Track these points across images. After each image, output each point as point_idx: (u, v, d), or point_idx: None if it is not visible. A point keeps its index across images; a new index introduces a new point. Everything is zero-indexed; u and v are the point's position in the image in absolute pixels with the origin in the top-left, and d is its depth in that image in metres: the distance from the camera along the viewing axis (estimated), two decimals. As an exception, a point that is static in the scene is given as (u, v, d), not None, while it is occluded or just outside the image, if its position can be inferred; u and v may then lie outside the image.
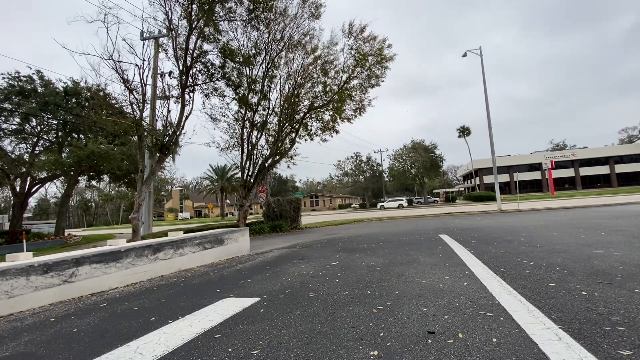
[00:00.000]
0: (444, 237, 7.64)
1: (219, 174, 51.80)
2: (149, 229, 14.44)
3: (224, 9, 11.92)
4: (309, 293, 3.49)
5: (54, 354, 2.32)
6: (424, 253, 5.63)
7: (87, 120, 14.37)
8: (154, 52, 13.72)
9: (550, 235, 6.73)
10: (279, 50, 13.78)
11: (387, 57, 14.32)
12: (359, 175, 57.54)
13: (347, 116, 15.53)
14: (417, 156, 46.88)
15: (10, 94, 16.02)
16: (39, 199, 69.76)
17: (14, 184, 18.22)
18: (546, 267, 3.94)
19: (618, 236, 5.99)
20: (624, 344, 1.86)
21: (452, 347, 1.95)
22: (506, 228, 8.87)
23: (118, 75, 10.22)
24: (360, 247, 7.09)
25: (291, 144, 15.59)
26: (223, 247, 6.82)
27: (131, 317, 3.08)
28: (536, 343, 1.93)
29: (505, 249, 5.42)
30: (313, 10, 13.41)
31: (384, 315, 2.60)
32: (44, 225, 31.80)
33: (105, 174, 19.61)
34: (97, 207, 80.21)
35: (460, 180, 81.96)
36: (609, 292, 2.82)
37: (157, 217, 66.33)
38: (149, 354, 2.17)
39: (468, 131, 50.98)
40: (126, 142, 13.59)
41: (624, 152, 54.63)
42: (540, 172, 54.37)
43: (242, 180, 15.03)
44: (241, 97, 13.87)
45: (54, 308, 3.68)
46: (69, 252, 4.73)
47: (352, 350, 2.01)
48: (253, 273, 4.95)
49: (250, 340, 2.28)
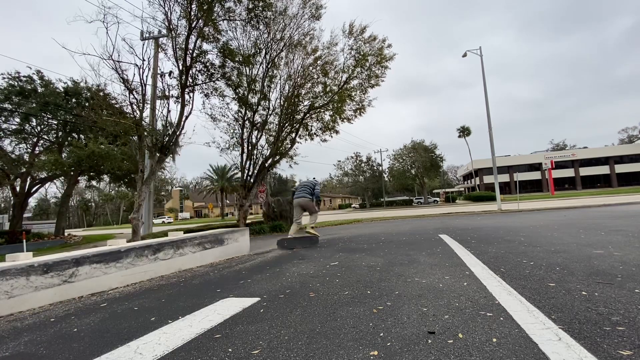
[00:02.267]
0: (444, 237, 7.64)
1: (219, 174, 51.83)
2: (149, 229, 14.45)
3: (223, 9, 11.92)
4: (309, 293, 3.49)
5: (54, 354, 2.32)
6: (424, 253, 5.63)
7: (87, 120, 14.36)
8: (153, 52, 13.74)
9: (550, 235, 6.73)
10: (279, 51, 13.77)
11: (387, 57, 14.31)
12: (359, 176, 57.54)
13: (347, 116, 15.53)
14: (417, 156, 46.90)
15: (11, 94, 16.03)
16: (39, 199, 69.79)
17: (14, 184, 18.22)
18: (546, 267, 3.94)
19: (618, 236, 5.99)
20: (624, 344, 1.86)
21: (452, 347, 1.95)
22: (506, 228, 8.87)
23: (118, 75, 10.22)
24: (360, 247, 7.08)
25: (291, 144, 15.59)
26: (223, 247, 6.82)
27: (131, 317, 3.08)
28: (536, 343, 1.93)
29: (505, 249, 5.42)
30: (314, 11, 13.41)
31: (384, 315, 2.60)
32: (44, 225, 31.79)
33: (105, 174, 19.62)
34: (97, 207, 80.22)
35: (460, 180, 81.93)
36: (609, 292, 2.82)
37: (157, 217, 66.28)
38: (149, 354, 2.17)
39: (468, 131, 51.03)
40: (126, 142, 13.59)
41: (624, 152, 54.66)
42: (540, 172, 54.40)
43: (242, 180, 15.02)
44: (241, 96, 13.87)
45: (54, 308, 3.68)
46: (69, 252, 4.73)
47: (352, 350, 2.01)
48: (253, 273, 4.95)
49: (250, 340, 2.28)
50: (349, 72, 14.45)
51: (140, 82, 10.44)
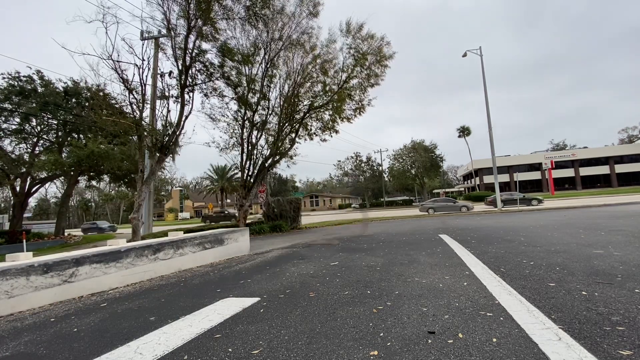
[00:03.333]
0: (444, 237, 7.64)
1: (219, 174, 51.85)
2: (149, 229, 14.45)
3: (221, 7, 11.90)
4: (309, 293, 3.49)
5: (54, 354, 2.32)
6: (424, 253, 5.63)
7: (87, 120, 14.37)
8: (153, 52, 13.73)
9: (550, 235, 6.74)
10: (277, 50, 13.77)
11: (386, 56, 14.31)
12: (359, 176, 57.56)
13: (346, 116, 15.54)
14: (417, 156, 46.93)
15: (11, 94, 16.03)
16: (39, 199, 69.77)
17: (14, 184, 18.22)
18: (546, 267, 3.94)
19: (618, 236, 5.99)
20: (624, 344, 1.86)
21: (452, 347, 1.95)
22: (506, 228, 8.87)
23: (117, 75, 10.21)
24: (360, 247, 7.09)
25: (291, 144, 15.59)
26: (223, 247, 6.82)
27: (131, 317, 3.08)
28: (536, 343, 1.93)
29: (505, 249, 5.42)
30: (311, 8, 13.41)
31: (384, 315, 2.60)
32: (44, 225, 31.80)
33: (105, 174, 19.63)
34: (97, 207, 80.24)
35: (460, 180, 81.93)
36: (609, 292, 2.82)
37: (157, 217, 66.32)
38: (149, 354, 2.17)
39: (468, 131, 51.00)
40: (126, 142, 13.60)
41: (624, 152, 54.66)
42: (540, 172, 54.40)
43: (242, 180, 15.02)
44: (240, 96, 13.87)
45: (54, 308, 3.68)
46: (69, 252, 4.73)
47: (352, 350, 2.01)
48: (253, 273, 4.95)
49: (250, 340, 2.28)
50: (348, 72, 14.45)
51: (140, 82, 10.44)
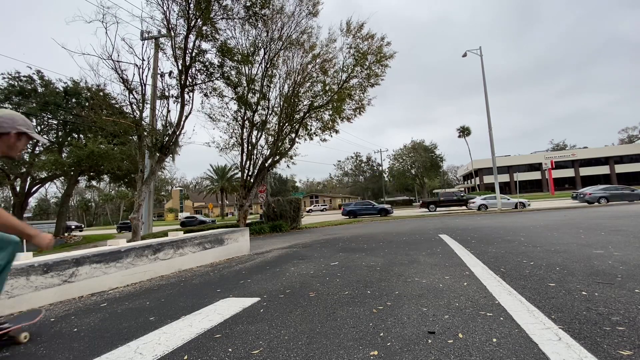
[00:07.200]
0: (444, 237, 7.64)
1: (219, 174, 51.88)
2: (149, 229, 14.45)
3: (220, 7, 11.91)
4: (309, 293, 3.49)
5: (54, 353, 2.32)
6: (424, 253, 5.63)
7: (87, 120, 14.36)
8: (153, 52, 13.73)
9: (550, 235, 6.74)
10: (277, 50, 13.77)
11: (386, 56, 14.31)
12: (359, 176, 57.57)
13: (346, 115, 15.54)
14: (417, 156, 46.95)
15: (11, 94, 16.03)
16: (39, 199, 69.76)
17: (14, 184, 18.22)
18: (546, 267, 3.94)
19: (618, 236, 5.99)
20: (624, 344, 1.86)
21: (452, 347, 1.95)
22: (506, 228, 8.87)
23: (117, 75, 10.23)
24: (360, 247, 7.09)
25: (291, 144, 15.60)
26: (223, 247, 6.82)
27: (131, 317, 3.07)
28: (536, 343, 1.93)
29: (505, 249, 5.42)
30: (311, 8, 13.42)
31: (384, 315, 2.60)
32: (44, 225, 31.77)
33: (105, 174, 19.64)
34: (97, 207, 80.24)
35: (460, 180, 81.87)
36: (609, 292, 2.82)
37: (157, 217, 66.33)
38: (149, 354, 2.17)
39: (468, 131, 51.04)
40: (126, 142, 13.59)
41: (624, 152, 54.71)
42: (540, 172, 54.44)
43: (242, 180, 15.03)
44: (240, 96, 13.87)
45: (54, 308, 3.68)
46: (69, 252, 4.73)
47: (352, 350, 2.01)
48: (253, 273, 4.95)
49: (250, 340, 2.28)
50: (348, 71, 14.45)
51: (140, 82, 10.45)
